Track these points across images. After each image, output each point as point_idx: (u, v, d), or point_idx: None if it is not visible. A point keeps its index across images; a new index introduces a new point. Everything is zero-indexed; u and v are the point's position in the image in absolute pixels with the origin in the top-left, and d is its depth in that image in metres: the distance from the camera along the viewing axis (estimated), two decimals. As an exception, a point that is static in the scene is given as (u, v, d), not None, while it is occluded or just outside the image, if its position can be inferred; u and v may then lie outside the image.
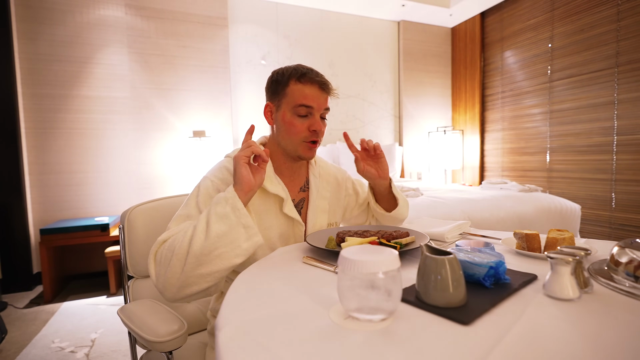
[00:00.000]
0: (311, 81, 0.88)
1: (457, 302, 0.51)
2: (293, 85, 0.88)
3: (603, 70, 2.83)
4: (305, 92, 0.88)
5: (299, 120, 0.89)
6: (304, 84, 0.88)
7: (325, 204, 1.02)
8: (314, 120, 0.89)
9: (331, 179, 1.07)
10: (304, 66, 0.91)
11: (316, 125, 0.89)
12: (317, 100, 0.89)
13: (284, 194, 0.91)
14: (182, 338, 0.72)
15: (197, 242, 0.68)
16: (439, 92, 4.24)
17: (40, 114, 2.67)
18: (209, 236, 0.69)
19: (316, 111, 0.89)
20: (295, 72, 0.89)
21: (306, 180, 1.02)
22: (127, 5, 2.87)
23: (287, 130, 0.90)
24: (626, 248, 0.63)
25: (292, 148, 0.91)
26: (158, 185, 3.01)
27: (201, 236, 0.69)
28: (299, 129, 0.89)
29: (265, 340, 0.44)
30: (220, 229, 0.70)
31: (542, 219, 2.21)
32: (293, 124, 0.89)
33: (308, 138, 0.90)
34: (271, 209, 0.91)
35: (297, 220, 0.93)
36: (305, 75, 0.88)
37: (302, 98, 0.88)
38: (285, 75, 0.90)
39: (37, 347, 1.81)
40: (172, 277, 0.70)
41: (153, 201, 1.06)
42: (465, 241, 0.71)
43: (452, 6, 3.72)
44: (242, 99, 3.38)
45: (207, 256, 0.69)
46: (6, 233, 2.56)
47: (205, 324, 1.10)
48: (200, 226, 0.70)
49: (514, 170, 3.64)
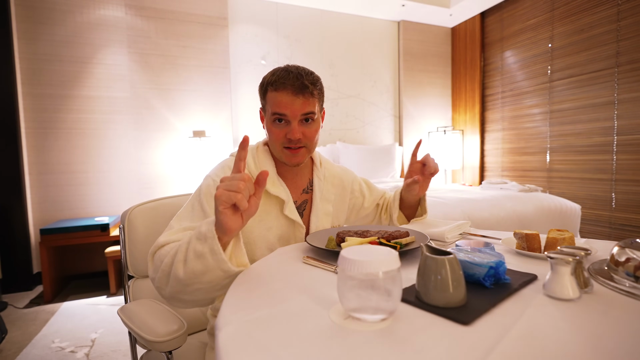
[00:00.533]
0: (284, 87, 0.85)
1: (457, 302, 0.51)
2: (270, 93, 0.87)
3: (603, 70, 2.83)
4: (277, 100, 0.85)
5: (277, 127, 0.88)
6: (277, 91, 0.85)
7: (329, 207, 1.01)
8: (289, 128, 0.86)
9: (336, 181, 1.06)
10: (284, 69, 0.87)
11: (291, 133, 0.85)
12: (291, 106, 0.85)
13: (285, 195, 0.90)
14: (182, 338, 0.72)
15: (178, 271, 0.66)
16: (439, 92, 4.24)
17: (40, 114, 2.67)
18: (186, 271, 0.65)
19: (291, 118, 0.86)
20: (271, 79, 0.87)
21: (309, 182, 1.01)
22: (127, 5, 2.87)
23: (269, 137, 0.91)
24: (626, 248, 0.63)
25: (277, 154, 0.92)
26: (158, 185, 3.01)
27: (180, 267, 0.66)
28: (276, 136, 0.88)
29: (265, 340, 0.44)
30: (197, 268, 0.65)
31: (542, 219, 2.21)
32: (272, 131, 0.89)
33: (286, 144, 0.88)
34: (272, 210, 0.91)
35: (298, 222, 0.92)
36: (279, 80, 0.85)
37: (275, 106, 0.86)
38: (264, 83, 0.89)
39: (37, 347, 1.81)
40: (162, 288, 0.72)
41: (153, 201, 1.06)
42: (465, 241, 0.71)
43: (452, 6, 3.72)
44: (242, 99, 3.38)
45: (187, 287, 0.67)
46: (6, 233, 2.56)
47: (205, 324, 1.10)
48: (179, 256, 0.66)
49: (514, 170, 3.64)
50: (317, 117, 0.91)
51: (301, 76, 0.85)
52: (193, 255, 0.65)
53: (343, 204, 1.07)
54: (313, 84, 0.87)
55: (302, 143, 0.88)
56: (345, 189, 1.08)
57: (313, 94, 0.87)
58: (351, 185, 1.10)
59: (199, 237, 0.65)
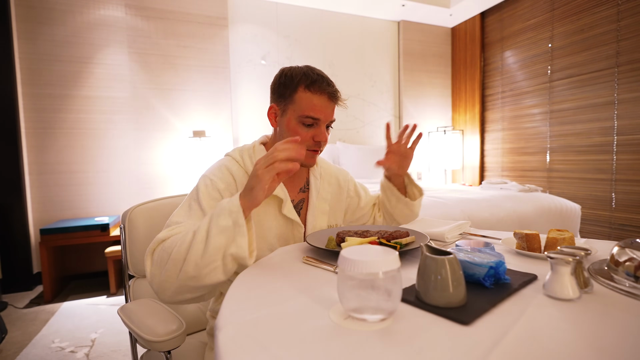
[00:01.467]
0: (321, 91, 0.85)
1: (457, 302, 0.51)
2: (302, 92, 0.85)
3: (603, 70, 2.83)
4: (313, 103, 0.85)
5: (304, 129, 0.87)
6: (314, 93, 0.85)
7: (325, 206, 1.01)
8: (319, 131, 0.87)
9: (332, 180, 1.06)
10: (315, 71, 0.88)
11: (321, 136, 0.87)
12: (325, 111, 0.86)
13: (283, 194, 0.90)
14: (180, 338, 0.72)
15: (196, 252, 0.66)
16: (439, 92, 4.24)
17: (40, 114, 2.67)
18: (208, 248, 0.66)
19: (322, 122, 0.87)
20: (305, 79, 0.85)
21: (306, 181, 1.01)
22: (127, 5, 2.87)
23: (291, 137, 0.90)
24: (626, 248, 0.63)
25: None
26: (158, 185, 3.01)
27: (200, 246, 0.67)
28: (303, 138, 0.86)
29: (265, 340, 0.44)
30: (220, 242, 0.67)
31: (542, 219, 2.21)
32: (297, 133, 0.86)
33: (311, 147, 0.88)
34: (270, 210, 0.91)
35: (297, 221, 0.92)
36: (316, 83, 0.85)
37: (309, 109, 0.85)
38: (294, 80, 0.86)
39: (37, 347, 1.81)
40: (167, 281, 0.69)
41: (153, 201, 1.06)
42: (465, 241, 0.71)
43: (452, 6, 3.72)
44: (242, 99, 3.38)
45: (204, 268, 0.67)
46: (6, 233, 2.56)
47: (205, 323, 1.10)
48: (199, 236, 0.67)
49: (514, 170, 3.64)
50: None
51: (332, 84, 0.88)
52: (216, 231, 0.67)
53: (340, 203, 1.07)
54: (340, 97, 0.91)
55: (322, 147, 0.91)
56: (342, 188, 1.08)
57: (338, 103, 0.91)
58: (347, 185, 1.10)
59: (222, 212, 0.68)
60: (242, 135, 3.39)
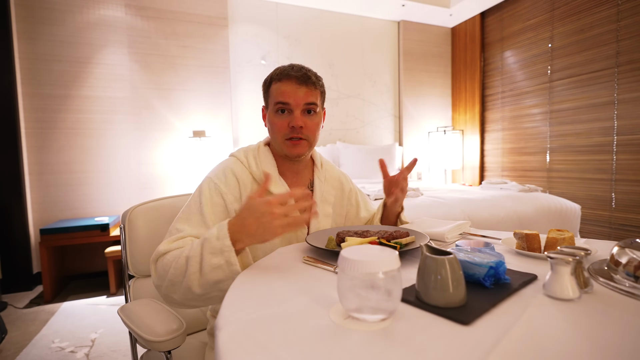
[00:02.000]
0: (288, 77, 0.88)
1: (457, 302, 0.51)
2: (273, 85, 0.91)
3: (603, 70, 2.83)
4: (281, 90, 0.89)
5: (279, 117, 0.90)
6: (282, 82, 0.89)
7: (329, 209, 1.02)
8: (292, 117, 0.89)
9: (336, 183, 1.06)
10: (288, 65, 0.92)
11: (294, 121, 0.88)
12: (294, 95, 0.88)
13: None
14: (181, 338, 0.72)
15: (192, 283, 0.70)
16: (439, 92, 4.24)
17: (40, 114, 2.67)
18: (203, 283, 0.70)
19: (294, 107, 0.89)
20: (276, 73, 0.91)
21: (310, 183, 1.01)
22: (127, 5, 2.87)
23: (271, 129, 0.92)
24: (626, 248, 0.63)
25: (278, 147, 0.93)
26: (158, 185, 3.01)
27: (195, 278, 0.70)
28: (278, 127, 0.90)
29: (265, 340, 0.44)
30: (216, 278, 0.69)
31: (542, 219, 2.21)
32: (274, 122, 0.91)
33: (288, 135, 0.90)
34: None
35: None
36: (283, 72, 0.89)
37: (279, 95, 0.89)
38: (269, 78, 0.92)
39: (37, 347, 1.81)
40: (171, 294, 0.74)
41: (153, 201, 1.06)
42: (465, 241, 0.71)
43: (452, 6, 3.72)
44: (242, 99, 3.38)
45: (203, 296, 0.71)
46: (6, 233, 2.56)
47: (205, 323, 1.10)
48: (192, 268, 0.69)
49: (514, 170, 3.64)
50: (319, 110, 0.93)
51: (304, 69, 0.90)
52: (209, 268, 0.69)
53: (341, 207, 1.08)
54: (316, 77, 0.91)
55: (304, 135, 0.90)
56: (344, 192, 1.08)
57: (316, 86, 0.91)
58: (349, 192, 1.10)
59: (214, 251, 0.69)
60: (242, 135, 3.39)
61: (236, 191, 0.88)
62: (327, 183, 1.03)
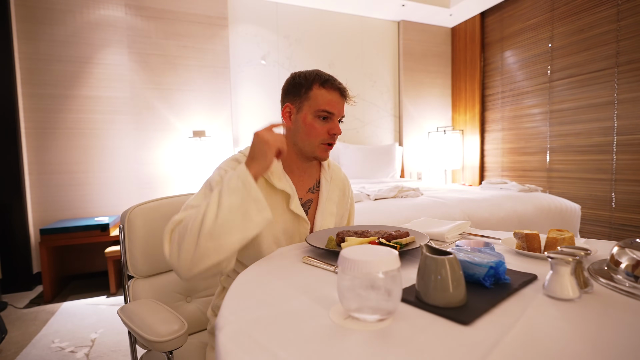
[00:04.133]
0: (334, 87, 0.94)
1: (457, 302, 0.51)
2: (316, 89, 0.93)
3: (603, 70, 2.83)
4: (328, 98, 0.93)
5: (320, 123, 0.93)
6: (327, 90, 0.93)
7: (333, 208, 1.04)
8: (333, 125, 0.94)
9: (340, 184, 1.10)
10: (325, 72, 0.97)
11: (336, 129, 0.94)
12: (338, 106, 0.94)
13: (290, 190, 0.93)
14: (183, 338, 0.72)
15: (210, 215, 0.71)
16: (439, 92, 4.24)
17: (40, 114, 2.67)
18: (221, 209, 0.71)
19: (336, 117, 0.95)
20: (319, 78, 0.94)
21: (316, 183, 1.04)
22: (127, 5, 2.87)
23: (308, 132, 0.94)
24: (626, 248, 0.63)
25: (309, 149, 0.95)
26: (158, 185, 3.01)
27: (214, 208, 0.72)
28: (319, 132, 0.93)
29: (265, 340, 0.44)
30: (232, 202, 0.72)
31: (542, 219, 2.21)
32: (314, 127, 0.93)
33: (326, 140, 0.94)
34: (278, 205, 0.93)
35: (303, 217, 0.95)
36: (329, 81, 0.94)
37: (324, 103, 0.92)
38: (308, 79, 0.94)
39: (37, 347, 1.81)
40: (186, 254, 0.71)
41: (153, 201, 1.06)
42: (465, 241, 0.71)
43: (452, 6, 3.72)
44: (242, 99, 3.38)
45: (221, 227, 0.71)
46: (6, 233, 2.56)
47: (205, 323, 1.10)
48: (213, 201, 0.73)
49: (514, 170, 3.64)
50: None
51: (342, 83, 0.97)
52: (227, 192, 0.73)
53: (343, 209, 1.11)
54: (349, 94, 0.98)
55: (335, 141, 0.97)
56: (346, 196, 1.12)
57: (348, 100, 0.99)
58: (349, 195, 1.14)
59: (231, 177, 0.76)
60: (242, 135, 3.39)
61: None
62: (332, 183, 1.06)
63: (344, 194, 1.11)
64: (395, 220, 1.86)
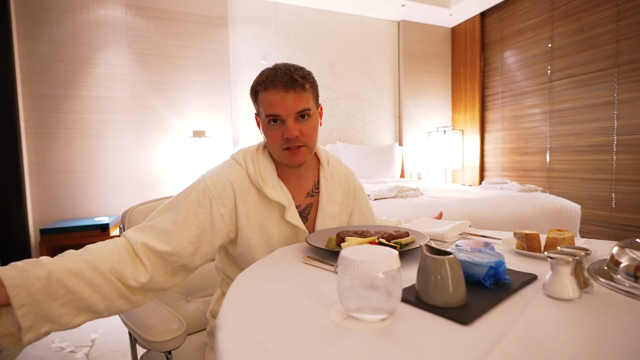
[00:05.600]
0: (273, 84, 0.82)
1: (457, 302, 0.51)
2: (260, 94, 0.85)
3: (603, 70, 2.83)
4: (269, 100, 0.83)
5: (272, 128, 0.85)
6: (269, 91, 0.83)
7: (336, 209, 0.97)
8: (285, 127, 0.83)
9: (343, 181, 1.01)
10: (271, 68, 0.85)
11: (288, 132, 0.82)
12: (283, 104, 0.82)
13: (286, 200, 0.87)
14: (181, 338, 0.72)
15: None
16: (439, 92, 4.24)
17: (40, 114, 2.66)
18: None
19: (286, 117, 0.83)
20: (261, 80, 0.84)
21: (315, 184, 0.97)
22: (127, 5, 2.87)
23: (267, 140, 0.88)
24: (626, 248, 0.63)
25: (277, 157, 0.89)
26: (158, 185, 3.01)
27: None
28: (273, 139, 0.85)
29: (265, 340, 0.44)
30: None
31: (542, 219, 2.21)
32: (268, 134, 0.86)
33: (284, 145, 0.85)
34: (272, 215, 0.89)
35: (301, 228, 0.90)
36: (267, 80, 0.83)
37: (268, 107, 0.83)
38: (255, 85, 0.87)
39: (37, 347, 1.81)
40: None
41: (153, 201, 1.06)
42: (465, 241, 0.71)
43: (452, 6, 3.72)
44: (242, 99, 3.38)
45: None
46: (6, 233, 2.56)
47: (205, 323, 1.09)
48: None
49: (514, 170, 3.64)
50: (313, 112, 0.87)
51: (289, 71, 0.83)
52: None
53: (347, 206, 1.04)
54: (303, 78, 0.83)
55: (301, 141, 0.85)
56: (350, 190, 1.04)
57: (305, 87, 0.84)
58: (354, 189, 1.06)
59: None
60: (242, 135, 3.39)
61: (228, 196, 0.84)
62: (334, 182, 0.98)
63: (348, 191, 1.03)
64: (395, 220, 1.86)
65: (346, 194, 1.02)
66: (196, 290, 1.12)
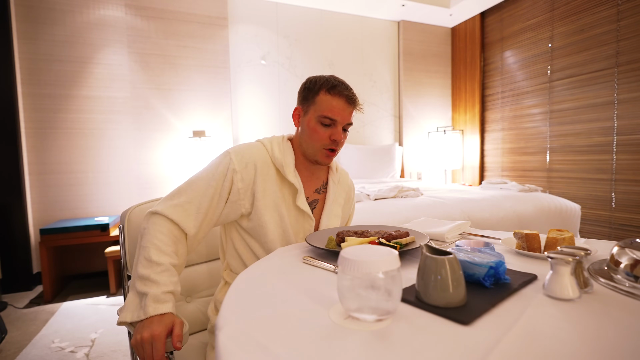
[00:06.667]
0: (340, 94, 0.93)
1: (457, 302, 0.51)
2: (322, 95, 0.94)
3: (603, 70, 2.83)
4: (332, 104, 0.93)
5: (322, 128, 0.94)
6: (333, 96, 0.93)
7: (339, 210, 1.07)
8: (335, 131, 0.94)
9: (347, 188, 1.12)
10: (336, 78, 0.96)
11: (337, 135, 0.94)
12: (342, 113, 0.93)
13: (298, 185, 0.95)
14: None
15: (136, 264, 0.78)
16: (439, 92, 4.24)
17: (40, 114, 2.66)
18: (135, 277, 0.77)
19: (339, 124, 0.94)
20: (327, 83, 0.94)
21: (323, 184, 1.06)
22: (127, 5, 2.87)
23: (310, 135, 0.95)
24: (626, 248, 0.63)
25: (311, 152, 0.97)
26: (158, 185, 3.01)
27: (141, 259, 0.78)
28: (320, 136, 0.94)
29: (265, 340, 0.44)
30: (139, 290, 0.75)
31: (542, 219, 2.21)
32: (316, 131, 0.94)
33: (327, 146, 0.95)
34: (286, 198, 0.96)
35: (308, 214, 0.96)
36: (335, 87, 0.93)
37: (328, 109, 0.93)
38: (317, 84, 0.95)
39: (37, 347, 1.81)
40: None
41: (153, 201, 1.06)
42: (465, 241, 0.71)
43: (452, 6, 3.72)
44: (242, 99, 3.38)
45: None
46: (6, 233, 2.56)
47: (205, 323, 1.10)
48: (142, 256, 0.78)
49: (514, 170, 3.64)
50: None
51: (352, 89, 0.96)
52: (141, 284, 0.75)
53: (345, 212, 1.14)
54: (357, 101, 0.97)
55: (339, 147, 0.97)
56: (350, 200, 1.15)
57: (356, 108, 0.98)
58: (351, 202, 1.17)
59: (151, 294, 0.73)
60: (242, 135, 3.39)
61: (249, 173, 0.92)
62: (339, 186, 1.09)
63: (348, 199, 1.14)
64: (395, 220, 1.86)
65: (347, 201, 1.13)
66: (196, 291, 1.12)
